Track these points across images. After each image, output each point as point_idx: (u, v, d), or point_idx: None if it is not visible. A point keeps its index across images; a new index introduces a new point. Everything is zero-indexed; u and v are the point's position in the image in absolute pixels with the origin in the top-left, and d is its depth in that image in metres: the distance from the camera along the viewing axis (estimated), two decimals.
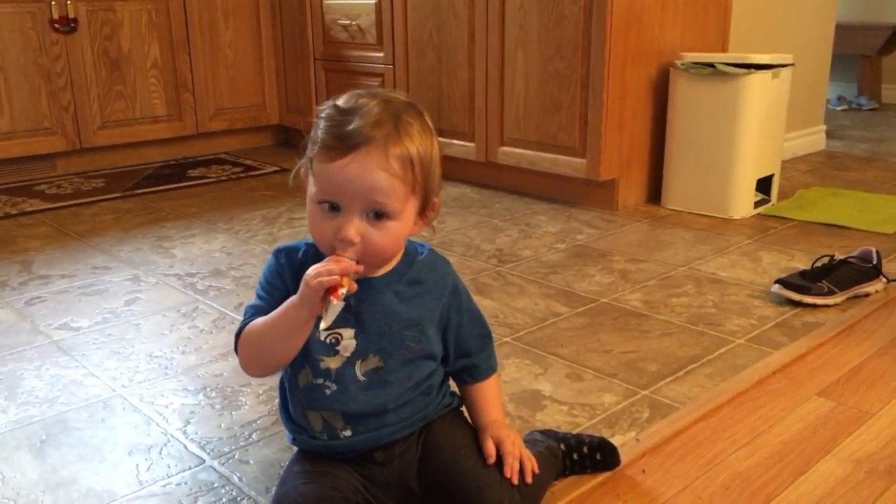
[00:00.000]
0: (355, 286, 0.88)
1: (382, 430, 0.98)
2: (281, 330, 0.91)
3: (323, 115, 0.91)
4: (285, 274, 0.97)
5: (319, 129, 0.90)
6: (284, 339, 0.92)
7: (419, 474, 1.00)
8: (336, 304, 0.86)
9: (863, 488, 1.07)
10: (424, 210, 0.95)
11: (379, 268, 0.96)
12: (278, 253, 0.99)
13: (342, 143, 0.87)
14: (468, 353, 1.05)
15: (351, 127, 0.87)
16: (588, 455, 1.10)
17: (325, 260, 0.88)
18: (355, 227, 0.88)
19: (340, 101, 0.91)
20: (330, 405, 0.97)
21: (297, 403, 0.99)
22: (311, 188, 0.91)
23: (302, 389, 0.98)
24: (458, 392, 1.09)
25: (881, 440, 1.19)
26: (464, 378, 1.08)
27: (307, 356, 0.95)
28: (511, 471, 0.98)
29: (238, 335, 0.97)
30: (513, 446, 1.00)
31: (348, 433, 0.98)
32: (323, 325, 0.88)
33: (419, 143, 0.90)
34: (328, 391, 0.96)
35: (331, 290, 0.85)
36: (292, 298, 0.90)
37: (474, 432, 1.04)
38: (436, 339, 1.01)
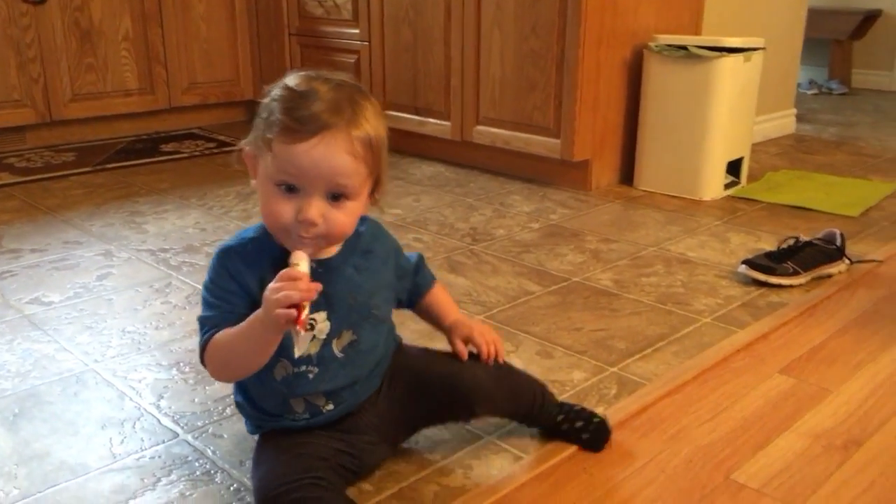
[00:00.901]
0: (315, 296, 0.86)
1: (359, 392, 1.03)
2: (250, 344, 0.91)
3: (276, 96, 0.91)
4: (243, 276, 0.94)
5: (276, 111, 0.89)
6: (255, 352, 0.92)
7: (391, 396, 1.05)
8: (305, 335, 0.87)
9: (820, 462, 1.11)
10: (373, 190, 0.97)
11: (332, 247, 0.97)
12: (227, 255, 0.95)
13: (305, 125, 0.87)
14: (410, 283, 1.12)
15: (313, 110, 0.87)
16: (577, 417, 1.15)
17: (280, 277, 0.85)
18: (317, 209, 0.88)
19: (292, 83, 0.91)
20: (314, 388, 0.99)
21: (274, 395, 1.00)
22: (268, 168, 0.90)
23: (281, 382, 0.99)
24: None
25: (839, 416, 1.23)
26: (411, 299, 1.13)
27: (280, 351, 0.94)
28: (487, 353, 1.07)
29: (203, 349, 0.95)
30: (482, 335, 1.08)
31: (330, 407, 1.01)
32: (296, 354, 0.93)
33: (374, 127, 0.91)
34: (311, 375, 0.98)
35: (296, 318, 0.83)
36: (258, 315, 0.87)
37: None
38: (391, 300, 1.07)
